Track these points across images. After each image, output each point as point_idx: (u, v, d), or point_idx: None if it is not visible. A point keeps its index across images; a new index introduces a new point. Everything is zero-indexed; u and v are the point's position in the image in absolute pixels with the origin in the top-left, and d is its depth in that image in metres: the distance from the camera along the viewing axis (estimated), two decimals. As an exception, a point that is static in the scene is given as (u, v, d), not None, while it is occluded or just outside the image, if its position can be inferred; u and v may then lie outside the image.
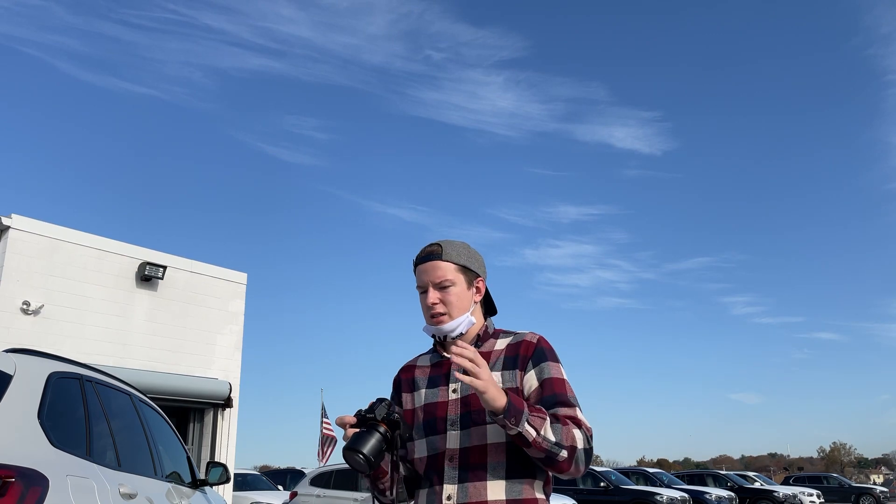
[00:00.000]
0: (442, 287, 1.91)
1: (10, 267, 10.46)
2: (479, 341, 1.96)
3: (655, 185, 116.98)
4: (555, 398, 1.79)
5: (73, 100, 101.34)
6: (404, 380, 2.02)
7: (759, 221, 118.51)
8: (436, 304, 1.90)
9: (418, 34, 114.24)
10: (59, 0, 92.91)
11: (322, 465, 21.19)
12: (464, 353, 1.63)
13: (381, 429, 1.69)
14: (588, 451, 1.74)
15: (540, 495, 1.82)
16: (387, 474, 1.83)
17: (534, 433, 1.66)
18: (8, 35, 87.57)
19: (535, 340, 1.91)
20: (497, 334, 1.98)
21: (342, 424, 1.74)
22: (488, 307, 2.06)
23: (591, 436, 1.77)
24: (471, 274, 1.96)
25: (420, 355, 2.08)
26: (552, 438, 1.68)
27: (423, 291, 1.93)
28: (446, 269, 1.91)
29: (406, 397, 1.98)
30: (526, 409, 1.67)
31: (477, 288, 1.98)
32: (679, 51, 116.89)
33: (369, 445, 1.66)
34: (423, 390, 1.94)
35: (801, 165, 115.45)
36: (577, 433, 1.72)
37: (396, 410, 1.73)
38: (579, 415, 1.78)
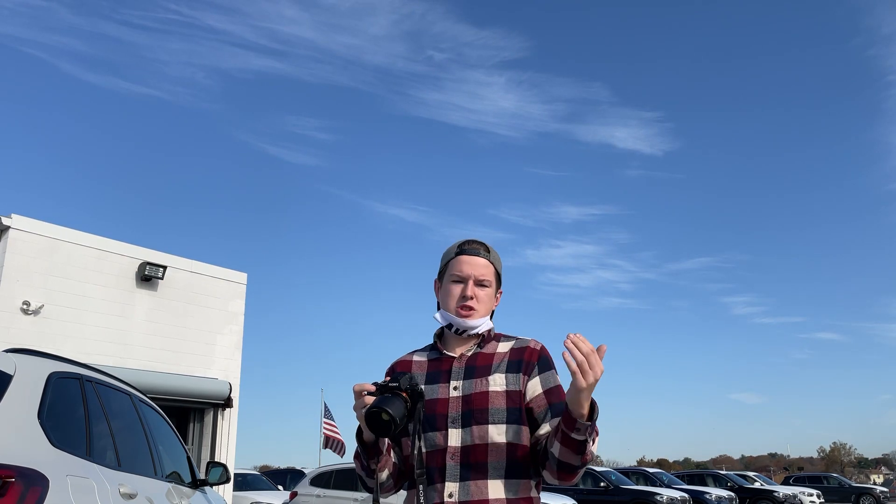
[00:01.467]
0: (481, 284, 1.97)
1: (10, 267, 10.46)
2: (483, 342, 1.99)
3: (657, 185, 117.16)
4: (562, 406, 1.87)
5: (76, 100, 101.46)
6: (400, 374, 2.01)
7: (759, 222, 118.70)
8: (473, 297, 1.95)
9: (420, 35, 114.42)
10: (62, 1, 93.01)
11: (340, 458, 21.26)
12: (580, 346, 1.61)
13: (404, 396, 1.70)
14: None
15: (535, 494, 1.87)
16: (382, 453, 1.84)
17: (593, 448, 1.73)
18: (11, 35, 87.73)
19: (538, 348, 1.97)
20: (498, 337, 2.03)
21: (360, 391, 1.74)
22: None
23: None
24: (498, 283, 2.05)
25: (415, 351, 2.09)
26: (595, 454, 1.79)
27: (460, 282, 1.97)
28: (489, 270, 1.99)
29: None
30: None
31: (497, 297, 2.06)
32: (681, 52, 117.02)
33: (395, 406, 1.66)
34: (422, 386, 1.94)
35: (802, 166, 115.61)
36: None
37: (420, 384, 1.76)
38: None
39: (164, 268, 12.12)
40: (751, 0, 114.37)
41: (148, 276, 11.94)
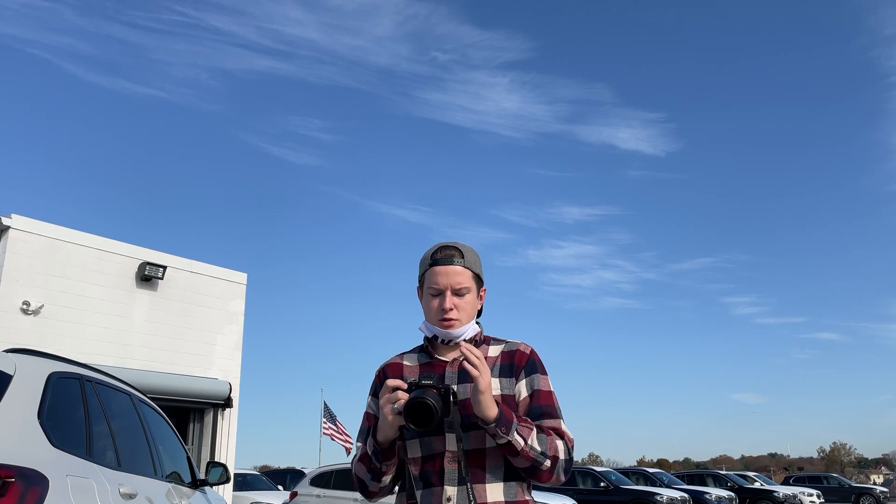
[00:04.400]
0: (458, 293, 1.94)
1: (10, 267, 10.46)
2: (474, 346, 1.98)
3: (659, 185, 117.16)
4: (541, 409, 1.89)
5: (80, 101, 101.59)
6: (392, 378, 1.98)
7: (761, 222, 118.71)
8: (452, 308, 1.93)
9: (424, 36, 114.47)
10: (67, 2, 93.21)
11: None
12: (473, 351, 1.72)
13: (435, 392, 1.73)
14: (569, 460, 1.84)
15: (528, 497, 1.90)
16: (395, 456, 1.86)
17: (522, 442, 1.75)
18: (15, 36, 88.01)
19: (527, 351, 1.97)
20: (488, 340, 2.03)
21: (395, 387, 1.75)
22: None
23: (573, 446, 1.87)
24: (479, 282, 2.02)
25: (404, 353, 2.07)
26: (538, 448, 1.77)
27: (438, 294, 1.95)
28: (466, 276, 1.95)
29: None
30: (515, 420, 1.76)
31: (480, 296, 2.03)
32: (684, 53, 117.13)
33: (434, 399, 1.70)
34: (418, 378, 1.93)
35: (804, 166, 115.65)
36: (560, 444, 1.82)
37: (451, 384, 1.81)
38: (562, 426, 1.87)
39: (164, 268, 12.12)
40: (753, 1, 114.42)
41: (148, 276, 11.94)
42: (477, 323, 2.05)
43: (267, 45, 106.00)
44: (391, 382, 1.76)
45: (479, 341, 2.01)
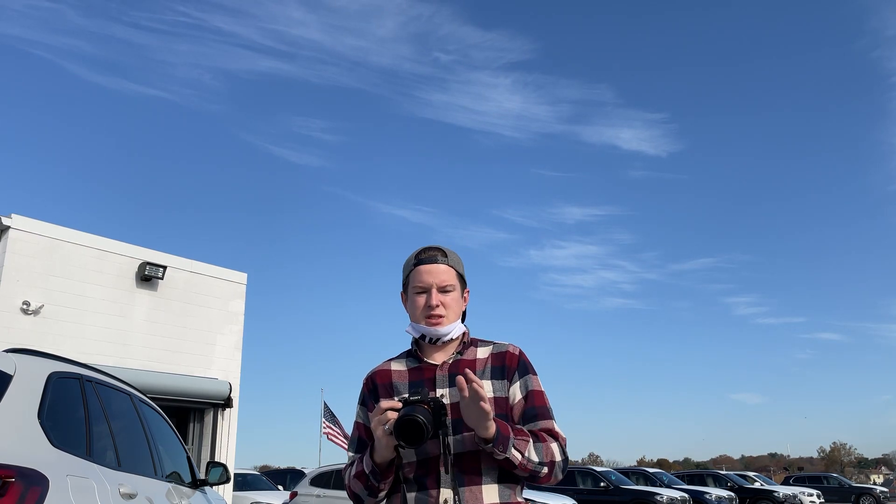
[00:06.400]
0: (444, 291, 1.97)
1: (10, 267, 10.46)
2: (463, 348, 2.00)
3: (660, 186, 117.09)
4: (535, 410, 1.92)
5: (82, 101, 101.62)
6: (381, 385, 2.00)
7: (762, 222, 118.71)
8: (439, 304, 1.95)
9: (427, 37, 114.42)
10: (70, 3, 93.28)
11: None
12: (475, 380, 1.71)
13: (426, 408, 1.73)
14: (564, 460, 1.87)
15: (521, 499, 1.92)
16: (392, 474, 1.86)
17: (520, 457, 1.78)
18: (19, 37, 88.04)
19: (517, 353, 1.99)
20: (476, 342, 2.04)
21: (387, 408, 1.76)
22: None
23: (566, 445, 1.90)
24: (463, 283, 2.05)
25: (392, 359, 2.07)
26: (535, 459, 1.80)
27: (423, 292, 1.97)
28: (450, 274, 1.99)
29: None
30: (511, 435, 1.78)
31: (464, 298, 2.06)
32: (685, 53, 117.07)
33: (424, 415, 1.70)
34: (407, 395, 1.94)
35: (805, 167, 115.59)
36: (555, 447, 1.85)
37: (442, 397, 1.80)
38: (555, 426, 1.91)
39: (164, 268, 12.12)
40: (755, 2, 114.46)
41: (148, 276, 11.94)
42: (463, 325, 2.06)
43: (269, 45, 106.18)
44: (384, 403, 1.76)
45: (467, 343, 2.02)
